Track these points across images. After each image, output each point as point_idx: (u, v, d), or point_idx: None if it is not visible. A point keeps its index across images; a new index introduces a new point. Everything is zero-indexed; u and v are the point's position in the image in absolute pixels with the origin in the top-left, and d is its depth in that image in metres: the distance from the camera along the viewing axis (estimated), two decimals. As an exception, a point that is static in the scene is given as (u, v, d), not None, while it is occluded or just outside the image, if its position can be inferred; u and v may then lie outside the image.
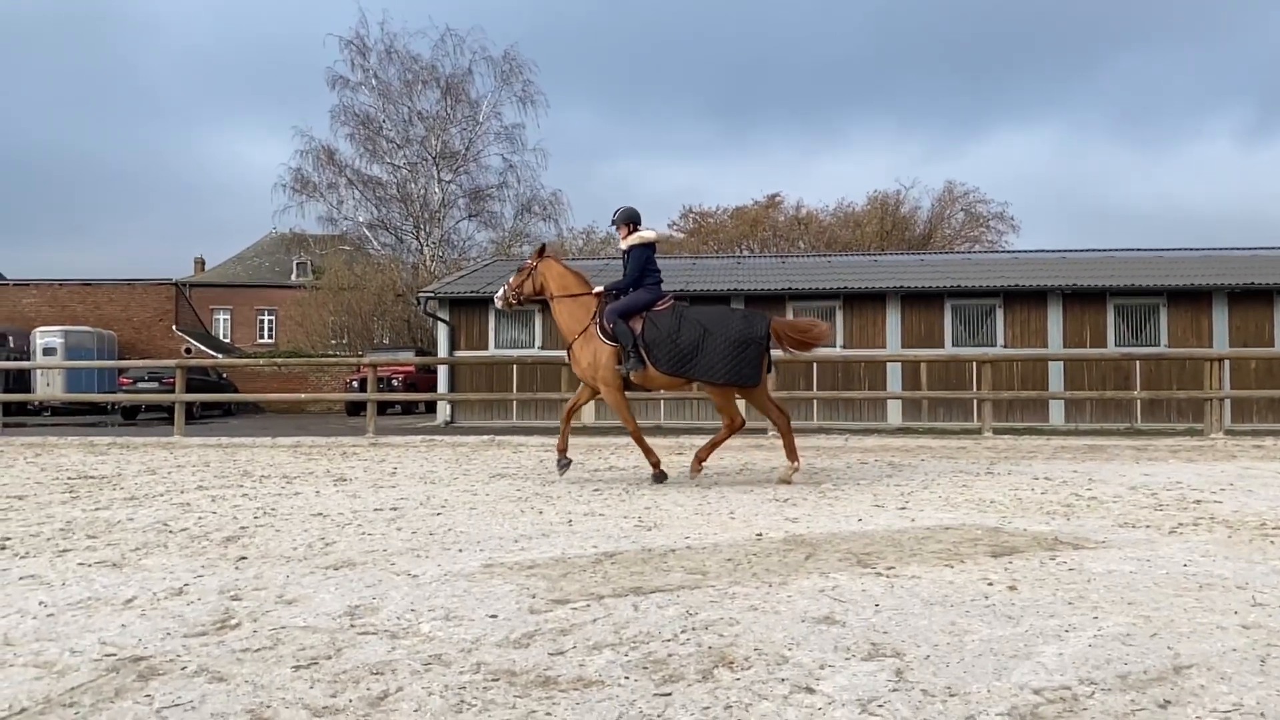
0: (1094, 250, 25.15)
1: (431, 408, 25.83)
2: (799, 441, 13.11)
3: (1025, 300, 20.16)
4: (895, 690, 2.40)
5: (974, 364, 18.22)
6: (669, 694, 2.38)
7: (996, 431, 14.47)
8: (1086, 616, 3.15)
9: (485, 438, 13.80)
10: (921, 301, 20.33)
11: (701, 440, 8.89)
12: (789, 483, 7.45)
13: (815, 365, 19.38)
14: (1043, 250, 26.32)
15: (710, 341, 7.28)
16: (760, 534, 4.90)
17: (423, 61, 36.36)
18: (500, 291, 8.21)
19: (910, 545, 4.55)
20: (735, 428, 7.76)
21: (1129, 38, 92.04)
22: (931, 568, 3.98)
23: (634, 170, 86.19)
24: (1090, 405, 19.27)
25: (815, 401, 19.62)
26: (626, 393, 7.74)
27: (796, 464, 7.68)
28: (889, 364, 19.51)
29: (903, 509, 5.90)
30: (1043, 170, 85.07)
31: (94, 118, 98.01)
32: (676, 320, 7.46)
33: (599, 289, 7.91)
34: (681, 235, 50.90)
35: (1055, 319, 20.04)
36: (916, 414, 19.63)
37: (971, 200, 48.82)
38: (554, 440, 13.28)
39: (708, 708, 2.28)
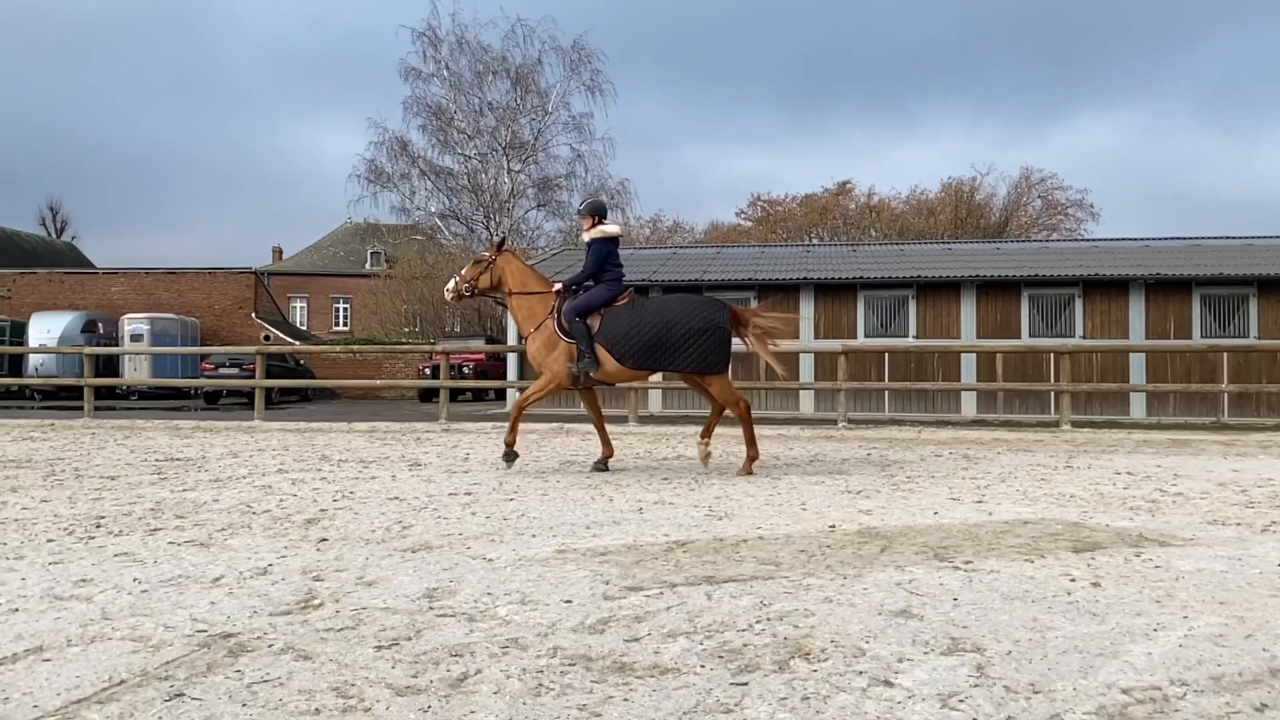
0: (1179, 238, 24.29)
1: (501, 395, 26.14)
2: (870, 432, 12.96)
3: (1106, 290, 19.58)
4: (977, 686, 2.36)
5: (1052, 355, 17.80)
6: (745, 683, 2.37)
7: (1075, 424, 14.09)
8: (1176, 615, 3.05)
9: (554, 425, 13.92)
10: (997, 291, 19.88)
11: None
12: (750, 474, 7.42)
13: (887, 356, 19.12)
14: (1124, 238, 25.50)
15: (673, 332, 7.24)
16: (833, 526, 4.86)
17: (493, 52, 36.65)
18: (451, 283, 8.12)
19: (988, 539, 4.46)
20: (743, 411, 7.68)
21: (1220, 16, 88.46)
22: (1010, 562, 3.90)
23: (702, 158, 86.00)
24: (1174, 398, 18.65)
25: (887, 393, 19.36)
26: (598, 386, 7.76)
27: (755, 453, 7.62)
28: (963, 355, 19.14)
29: (979, 502, 5.79)
30: (1124, 155, 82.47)
31: (181, 110, 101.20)
32: (637, 313, 7.40)
33: (558, 285, 7.81)
34: (749, 224, 50.59)
35: (1137, 309, 19.43)
36: (991, 406, 19.23)
37: (1049, 187, 47.59)
38: (620, 429, 13.34)
39: (785, 698, 2.27)
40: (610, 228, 7.84)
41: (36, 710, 2.20)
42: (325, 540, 4.46)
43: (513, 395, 21.48)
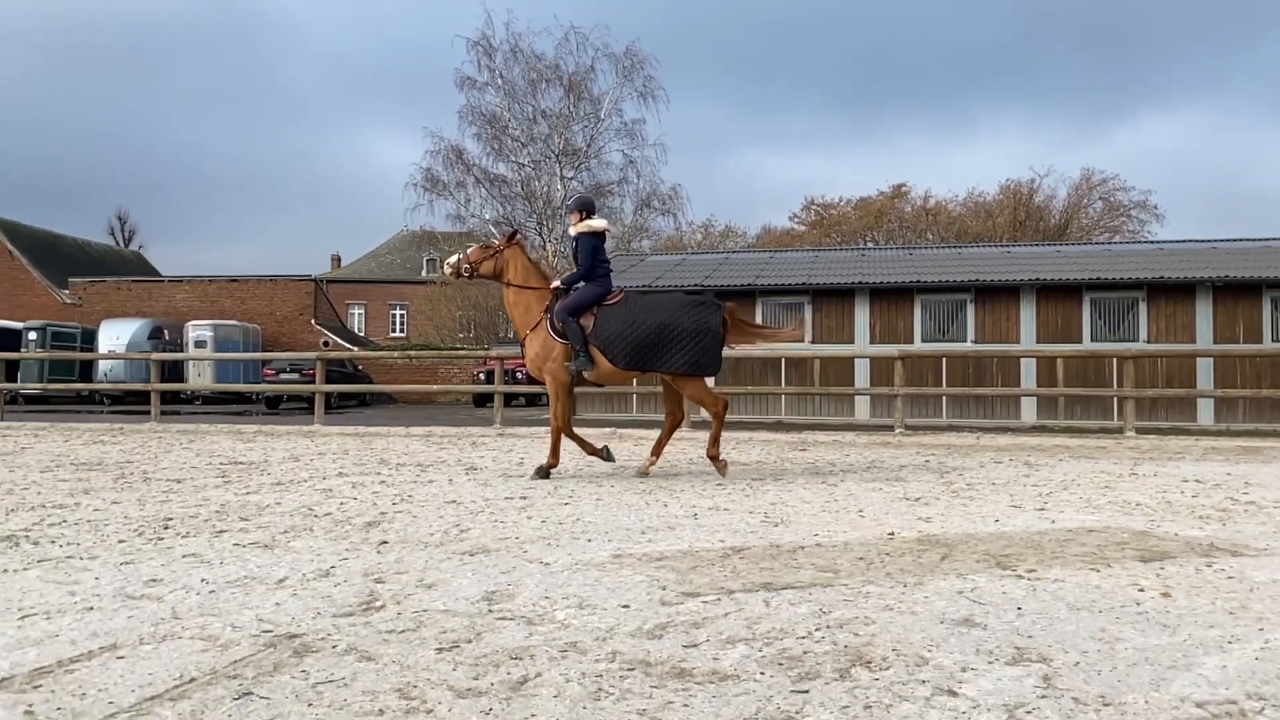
0: (1248, 240, 23.57)
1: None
2: (927, 438, 12.79)
3: (1171, 293, 19.07)
4: (1044, 697, 2.31)
5: (1115, 360, 17.36)
6: (806, 691, 2.35)
7: (1139, 431, 13.76)
8: (1251, 628, 2.96)
9: (608, 430, 13.95)
10: (1058, 294, 19.47)
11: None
12: (724, 472, 7.62)
13: (945, 361, 18.85)
14: (1190, 240, 24.82)
15: (667, 333, 7.24)
16: (892, 533, 4.80)
17: (546, 60, 36.96)
18: (453, 258, 8.13)
19: (1051, 548, 4.37)
20: (720, 410, 7.74)
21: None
22: (1075, 571, 3.82)
23: (754, 162, 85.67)
24: (1244, 404, 18.09)
25: (944, 398, 19.06)
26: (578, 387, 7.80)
27: (720, 457, 7.74)
28: (1023, 360, 18.78)
29: (1041, 510, 5.68)
30: (1190, 155, 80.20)
31: (243, 122, 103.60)
32: (630, 313, 7.39)
33: (556, 284, 7.83)
34: (803, 228, 50.29)
35: (1205, 312, 18.88)
36: (1052, 412, 18.84)
37: (1111, 188, 46.55)
38: (680, 434, 13.32)
39: (846, 706, 2.25)
40: (596, 222, 7.86)
41: (112, 706, 2.26)
42: (385, 543, 4.53)
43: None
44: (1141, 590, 3.48)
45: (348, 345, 36.52)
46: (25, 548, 4.41)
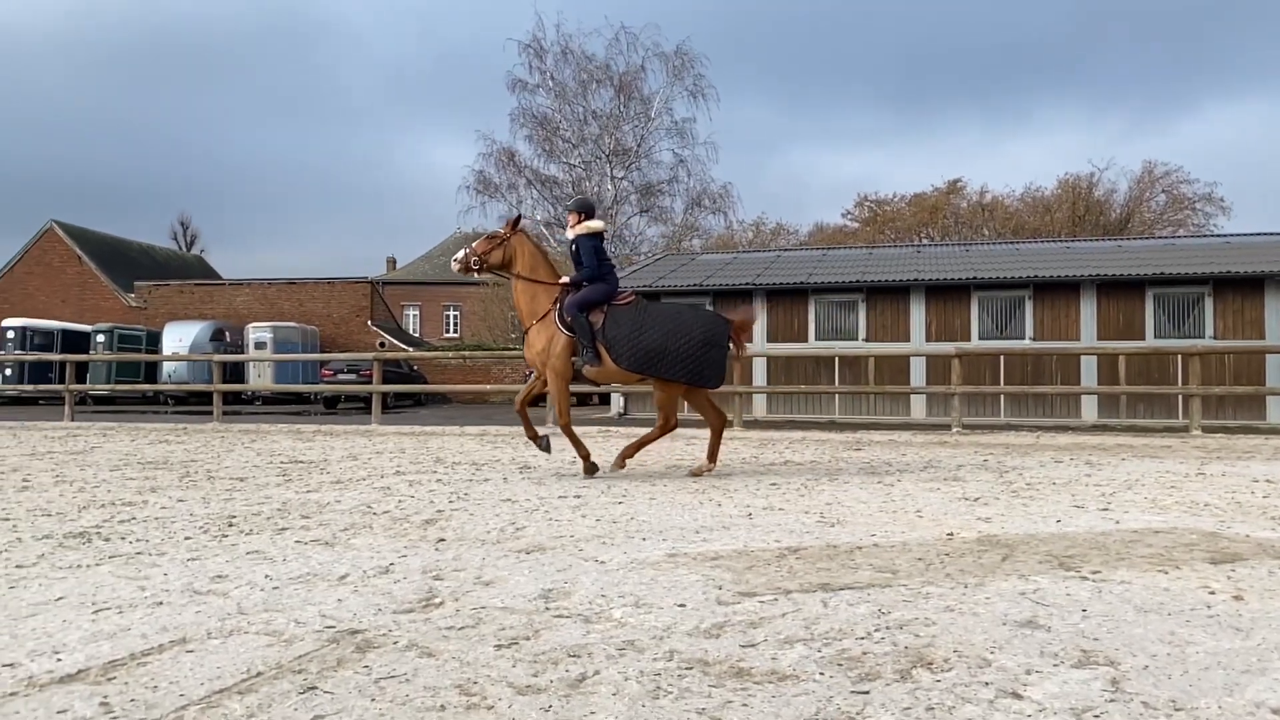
0: (1321, 232, 22.83)
1: (605, 399, 26.35)
2: (985, 438, 12.59)
3: (1238, 287, 18.53)
4: (1112, 701, 2.26)
5: (1179, 357, 16.93)
6: (867, 692, 2.33)
7: (1206, 429, 13.39)
8: (1329, 633, 2.86)
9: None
10: (1119, 290, 19.04)
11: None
12: (699, 476, 7.53)
13: (1003, 359, 18.53)
14: (1259, 233, 24.10)
15: (675, 341, 7.22)
16: (951, 533, 4.73)
17: (597, 61, 37.05)
18: (460, 254, 7.98)
19: (1116, 549, 4.27)
20: (669, 428, 7.75)
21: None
22: (1142, 573, 3.73)
23: (806, 160, 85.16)
24: (1317, 402, 17.52)
25: (1002, 397, 18.75)
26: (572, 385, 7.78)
27: (712, 466, 7.71)
28: (1083, 357, 18.41)
29: (1105, 510, 5.55)
30: (1258, 146, 77.90)
31: (301, 127, 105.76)
32: (639, 317, 7.37)
33: (565, 280, 7.78)
34: (856, 225, 49.81)
35: (1274, 307, 18.31)
36: (1114, 410, 18.44)
37: (1174, 181, 45.36)
38: (725, 433, 13.28)
39: (908, 708, 2.22)
40: (594, 223, 7.84)
41: (183, 699, 2.32)
42: (443, 540, 4.58)
43: (617, 400, 21.64)
44: (1212, 593, 3.38)
45: (403, 346, 37.01)
46: (97, 544, 4.54)
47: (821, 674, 2.47)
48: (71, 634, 2.92)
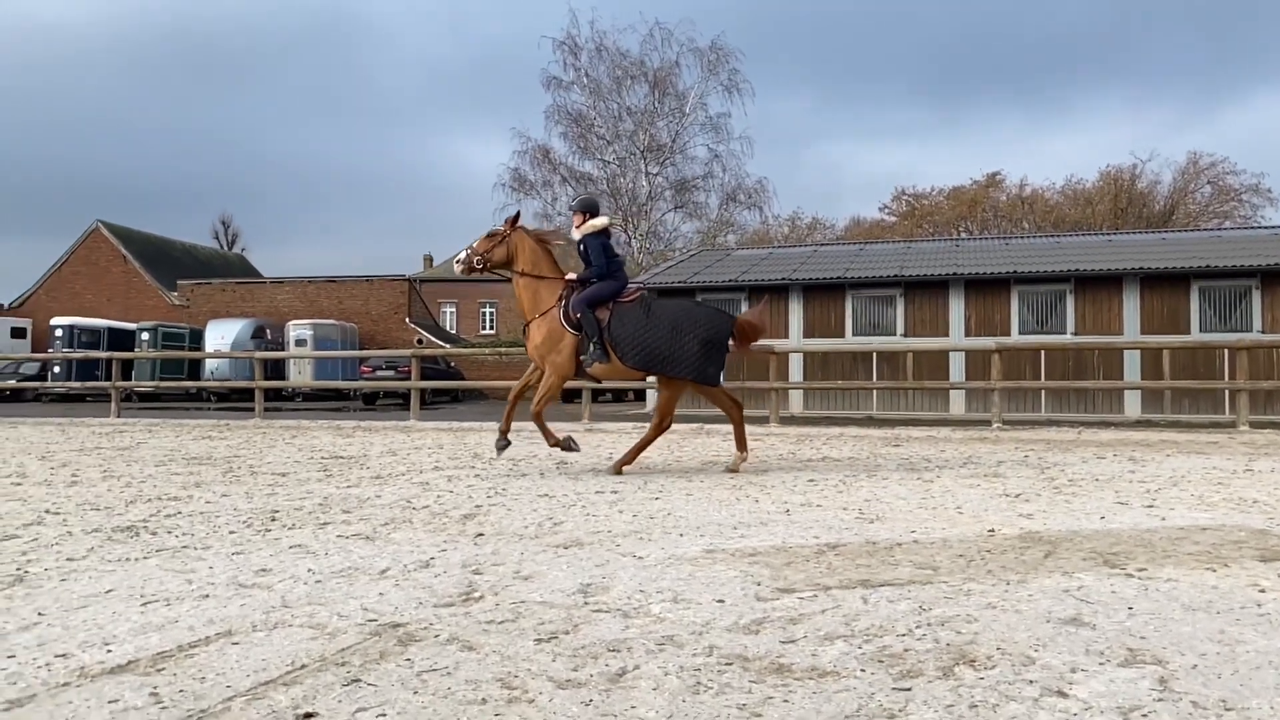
0: (1374, 223, 22.25)
1: (641, 395, 26.36)
2: (1025, 433, 12.43)
3: (1288, 280, 18.11)
4: (1161, 700, 2.22)
5: (1226, 351, 16.61)
6: (909, 689, 2.31)
7: (1254, 425, 13.12)
8: (1386, 633, 2.79)
9: (694, 426, 13.95)
10: (1163, 283, 18.70)
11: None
12: (736, 471, 7.50)
13: (1043, 354, 18.28)
14: (1309, 224, 23.56)
15: (680, 339, 7.20)
16: (992, 530, 4.68)
17: (631, 57, 37.04)
18: (462, 255, 7.97)
19: (1163, 546, 4.20)
20: (663, 429, 7.73)
21: None
22: (1189, 570, 3.66)
23: (842, 153, 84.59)
24: (1369, 397, 17.10)
25: (1043, 392, 18.50)
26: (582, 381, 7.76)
27: (744, 455, 7.69)
28: (1126, 352, 18.10)
29: (1150, 507, 5.46)
30: (1307, 135, 75.95)
31: (339, 126, 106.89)
32: (644, 315, 7.33)
33: (570, 275, 7.74)
34: (893, 219, 49.39)
35: (1326, 300, 17.89)
36: (1157, 406, 18.11)
37: (1219, 172, 44.49)
38: (761, 429, 13.24)
39: (951, 705, 2.20)
40: (598, 221, 7.79)
41: (230, 690, 2.36)
42: (481, 535, 4.61)
43: (652, 396, 21.62)
44: (1263, 591, 3.32)
45: (440, 343, 37.28)
46: (144, 537, 4.62)
47: (862, 671, 2.46)
48: (121, 625, 2.98)
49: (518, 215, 8.16)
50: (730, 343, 7.53)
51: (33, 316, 38.38)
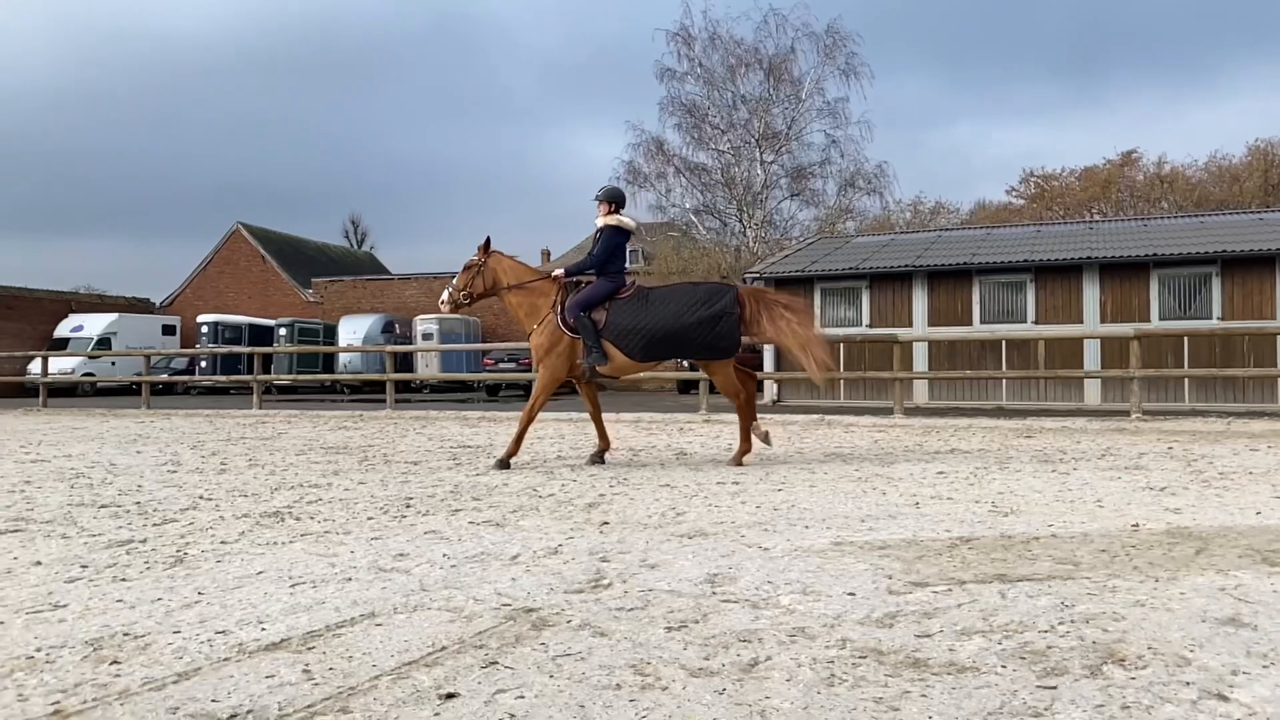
0: None
1: (759, 386, 26.17)
2: (1168, 424, 11.79)
3: None
4: (1334, 708, 2.08)
5: (1396, 335, 15.38)
6: (1054, 687, 2.23)
7: None
8: None
9: (815, 417, 13.77)
10: (1323, 264, 17.41)
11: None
12: (740, 465, 7.34)
13: (1186, 340, 17.31)
14: None
15: (682, 320, 7.09)
16: (1136, 525, 4.46)
17: (745, 45, 36.67)
18: (444, 295, 8.05)
19: (1329, 544, 3.93)
20: (742, 400, 7.57)
21: None
22: (1362, 571, 3.41)
23: (968, 136, 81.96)
24: None
25: (1186, 381, 17.51)
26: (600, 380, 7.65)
27: (748, 446, 7.56)
28: (1279, 337, 16.96)
29: (1313, 502, 5.11)
30: None
31: (462, 124, 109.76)
32: (643, 304, 7.19)
33: (558, 272, 7.61)
34: (1021, 201, 47.57)
35: None
36: (1316, 394, 16.91)
37: (1386, 142, 41.07)
38: (886, 421, 12.97)
39: (1101, 705, 2.11)
40: (627, 220, 7.69)
41: (375, 669, 2.46)
42: (606, 524, 4.67)
43: (770, 386, 21.46)
44: None
45: (559, 335, 37.80)
46: (289, 522, 4.86)
47: (1003, 667, 2.38)
48: (273, 606, 3.14)
49: (488, 241, 8.12)
50: (741, 311, 7.31)
51: (181, 314, 40.75)
